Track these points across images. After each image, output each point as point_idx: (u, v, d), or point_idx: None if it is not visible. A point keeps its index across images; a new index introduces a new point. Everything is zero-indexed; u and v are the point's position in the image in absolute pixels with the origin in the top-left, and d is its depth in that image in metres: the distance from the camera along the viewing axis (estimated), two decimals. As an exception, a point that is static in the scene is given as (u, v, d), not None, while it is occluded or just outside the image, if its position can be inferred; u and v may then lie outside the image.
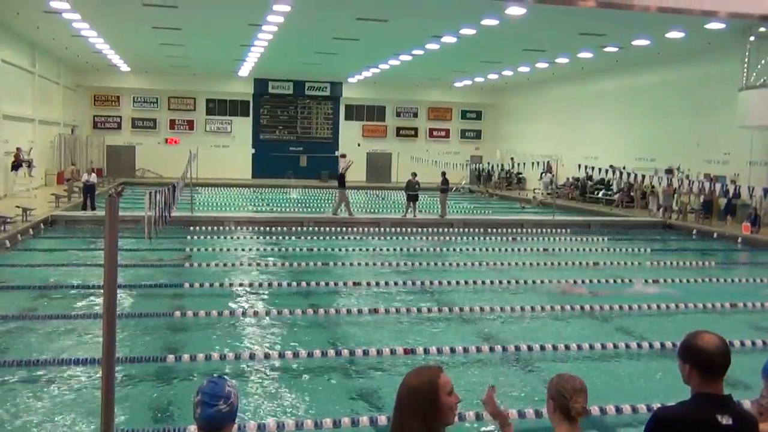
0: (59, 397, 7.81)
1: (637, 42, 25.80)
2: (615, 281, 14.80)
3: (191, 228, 21.13)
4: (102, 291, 9.41)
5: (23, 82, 31.63)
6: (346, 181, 25.40)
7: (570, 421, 3.13)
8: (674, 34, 23.83)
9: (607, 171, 27.09)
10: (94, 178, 25.11)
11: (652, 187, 27.82)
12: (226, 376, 3.01)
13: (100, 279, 13.21)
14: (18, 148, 28.81)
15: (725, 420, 3.02)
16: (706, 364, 3.07)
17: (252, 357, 9.16)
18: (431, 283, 14.23)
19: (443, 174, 26.66)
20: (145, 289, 13.19)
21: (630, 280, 14.75)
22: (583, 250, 19.62)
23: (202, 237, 20.11)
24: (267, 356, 9.21)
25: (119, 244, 2.81)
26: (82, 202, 24.55)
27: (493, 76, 39.04)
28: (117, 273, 2.80)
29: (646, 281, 14.67)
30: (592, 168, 27.97)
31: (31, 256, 16.89)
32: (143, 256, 16.62)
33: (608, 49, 27.68)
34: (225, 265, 15.84)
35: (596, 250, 19.70)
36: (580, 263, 17.20)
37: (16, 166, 28.47)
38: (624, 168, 28.30)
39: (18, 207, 21.00)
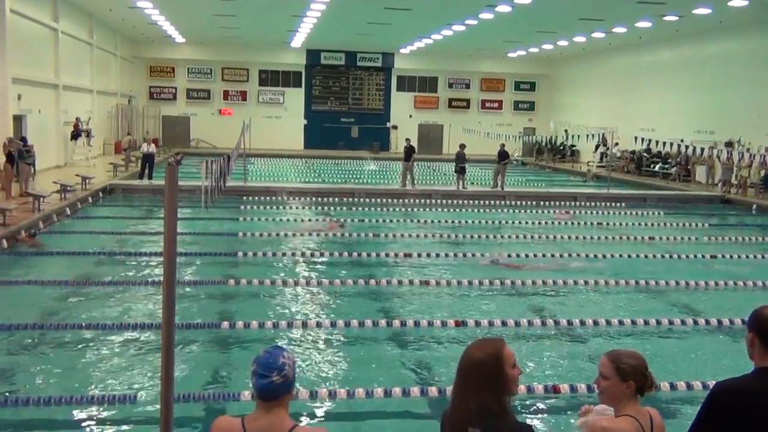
0: (119, 360, 8.03)
1: (698, 11, 25.01)
2: (671, 256, 14.54)
3: (244, 198, 21.39)
4: (159, 258, 9.65)
5: (82, 54, 32.24)
6: (412, 155, 25.29)
7: (637, 397, 3.12)
8: (737, 2, 23.04)
9: (664, 144, 26.46)
10: (153, 148, 25.53)
11: (708, 157, 27.04)
12: (282, 346, 3.05)
13: (156, 246, 13.55)
14: (77, 118, 29.48)
15: None
16: (766, 334, 3.00)
17: (304, 325, 9.28)
18: (483, 255, 14.16)
19: (502, 145, 26.20)
20: (200, 258, 13.42)
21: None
22: (639, 224, 19.29)
23: (254, 207, 20.34)
24: (319, 325, 9.31)
25: (179, 212, 2.86)
26: (140, 171, 25.02)
27: (547, 47, 38.37)
28: (176, 241, 2.84)
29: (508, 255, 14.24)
30: (649, 141, 27.37)
31: (91, 224, 17.31)
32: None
33: (668, 18, 26.91)
34: (278, 234, 16.01)
35: (652, 224, 19.34)
36: (635, 237, 16.91)
37: (75, 135, 29.16)
38: (682, 141, 27.64)
39: (78, 176, 21.52)
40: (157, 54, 44.03)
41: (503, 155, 25.38)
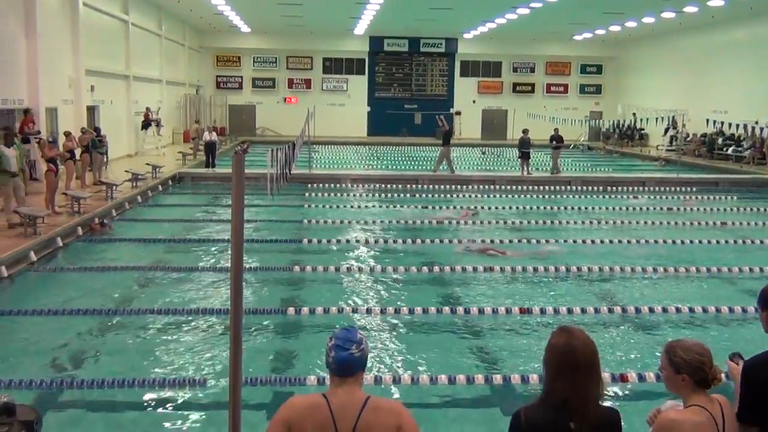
0: (188, 344, 8.23)
1: (774, -13, 24.10)
2: (744, 242, 14.12)
3: (309, 185, 21.60)
4: (227, 245, 9.85)
5: (151, 45, 33.00)
6: (451, 139, 25.14)
7: (702, 389, 3.08)
8: (817, -22, 22.10)
9: (738, 126, 25.60)
10: (214, 136, 26.00)
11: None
12: (351, 327, 3.14)
13: (223, 233, 13.81)
14: (147, 108, 30.22)
15: None
16: None
17: (369, 312, 9.34)
18: (547, 241, 14.00)
19: (555, 130, 25.94)
20: (266, 244, 13.62)
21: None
22: (710, 209, 18.76)
23: (319, 194, 20.52)
24: (383, 312, 9.36)
25: (246, 200, 2.91)
26: (206, 160, 25.51)
27: (615, 28, 37.49)
28: (244, 228, 2.90)
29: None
30: (722, 123, 26.52)
31: (161, 211, 17.76)
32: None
33: (742, -5, 26.00)
34: (342, 222, 16.13)
35: (724, 209, 18.77)
36: (707, 223, 16.46)
37: (145, 125, 29.91)
38: (756, 123, 26.70)
39: (148, 164, 22.08)
40: (223, 44, 44.73)
41: (556, 139, 25.05)
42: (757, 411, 3.18)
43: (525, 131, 24.97)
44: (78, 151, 18.96)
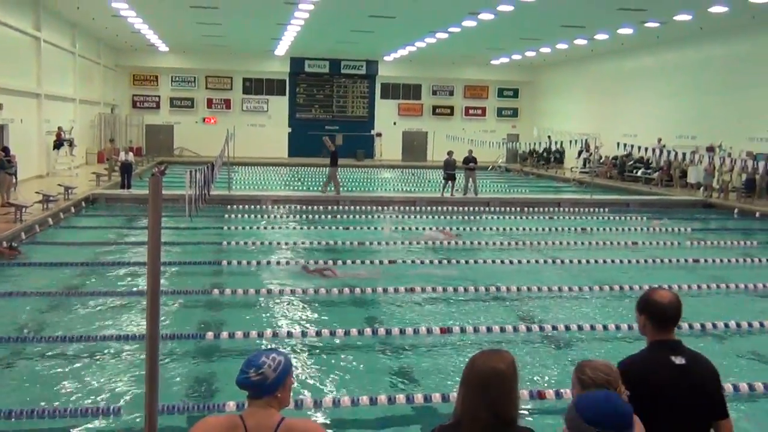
0: (102, 372, 7.96)
1: (679, 17, 25.28)
2: (654, 261, 14.65)
3: (229, 207, 21.32)
4: (142, 268, 9.60)
5: (64, 62, 32.08)
6: (338, 160, 25.21)
7: None
8: (717, 9, 23.32)
9: (646, 149, 26.66)
10: (130, 157, 25.42)
11: (690, 162, 27.24)
12: (280, 351, 3.10)
13: (140, 256, 13.47)
14: (60, 128, 29.31)
15: (678, 360, 3.48)
16: (659, 316, 3.56)
17: (290, 335, 9.25)
18: (467, 262, 14.20)
19: (469, 151, 26.18)
20: (183, 267, 13.35)
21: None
22: (622, 229, 19.41)
23: (239, 216, 20.29)
24: (304, 334, 9.29)
25: (163, 222, 2.86)
26: (121, 181, 24.89)
27: (530, 54, 38.63)
28: (160, 251, 2.84)
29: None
30: (631, 146, 27.54)
31: (73, 234, 17.19)
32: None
33: (649, 24, 27.18)
34: (262, 243, 15.97)
35: (635, 229, 19.47)
36: (618, 243, 17.02)
37: (57, 145, 28.98)
38: (664, 146, 27.87)
39: (60, 185, 21.38)
40: (140, 62, 43.90)
41: (471, 161, 25.29)
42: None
43: (450, 153, 25.31)
44: (-15, 172, 18.24)
